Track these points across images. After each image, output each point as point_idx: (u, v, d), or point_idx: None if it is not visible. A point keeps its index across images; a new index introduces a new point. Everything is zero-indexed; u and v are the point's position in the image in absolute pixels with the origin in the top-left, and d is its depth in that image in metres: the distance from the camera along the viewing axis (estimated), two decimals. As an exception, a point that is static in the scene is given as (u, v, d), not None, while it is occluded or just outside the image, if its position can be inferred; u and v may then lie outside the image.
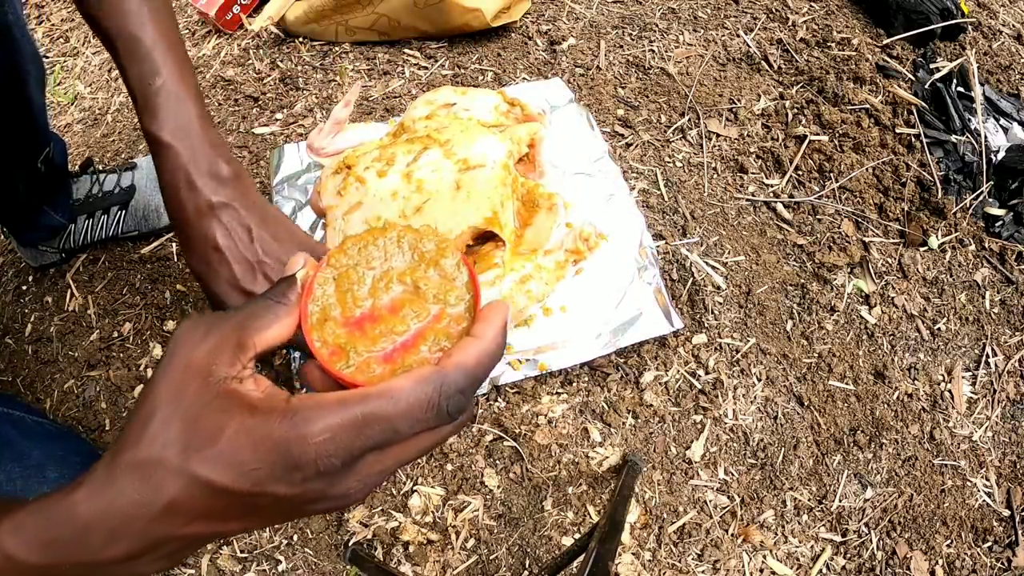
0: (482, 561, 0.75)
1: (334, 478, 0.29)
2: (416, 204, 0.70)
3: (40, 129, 0.70)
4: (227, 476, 0.28)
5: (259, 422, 0.29)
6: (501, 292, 0.74)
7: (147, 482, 0.29)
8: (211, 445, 0.29)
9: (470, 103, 0.82)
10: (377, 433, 0.29)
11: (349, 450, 0.28)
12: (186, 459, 0.29)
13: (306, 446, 0.28)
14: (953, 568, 0.78)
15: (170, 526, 0.30)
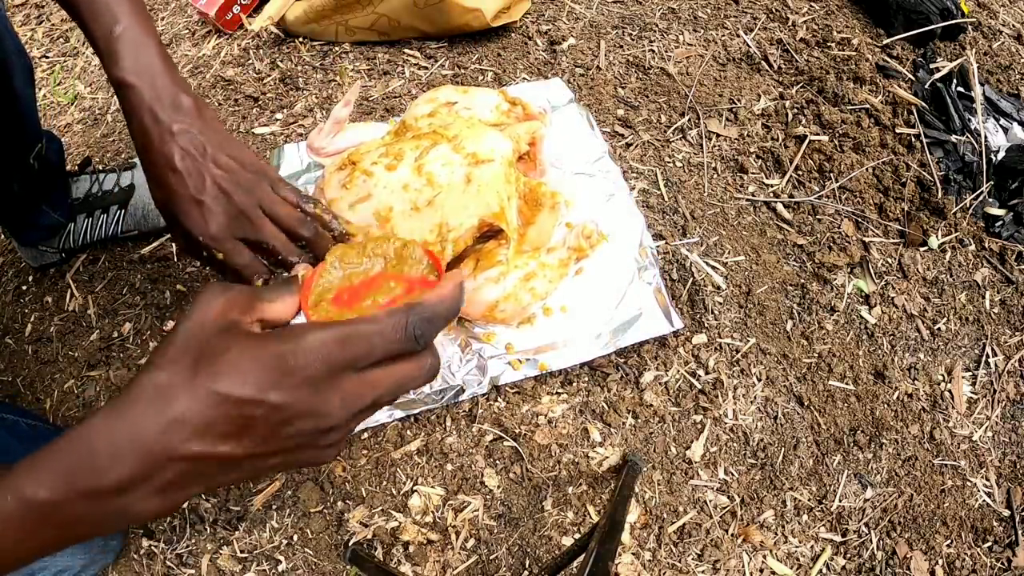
0: (482, 561, 0.75)
1: (319, 389, 0.34)
2: (428, 197, 0.70)
3: (30, 124, 0.70)
4: (228, 384, 0.33)
5: (259, 341, 0.34)
6: (505, 290, 0.75)
7: (158, 398, 0.33)
8: (217, 362, 0.33)
9: (471, 102, 0.82)
10: (357, 347, 0.34)
11: (333, 360, 0.34)
12: (195, 374, 0.33)
13: (297, 354, 0.33)
14: (953, 568, 0.78)
15: (173, 442, 0.33)
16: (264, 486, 0.77)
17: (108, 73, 0.58)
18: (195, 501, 0.76)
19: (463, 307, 0.75)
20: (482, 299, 0.74)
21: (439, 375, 0.79)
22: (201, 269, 0.91)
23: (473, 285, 0.74)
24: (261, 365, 0.33)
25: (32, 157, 0.73)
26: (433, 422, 0.80)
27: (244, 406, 0.33)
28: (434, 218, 0.71)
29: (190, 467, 0.34)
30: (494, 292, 0.74)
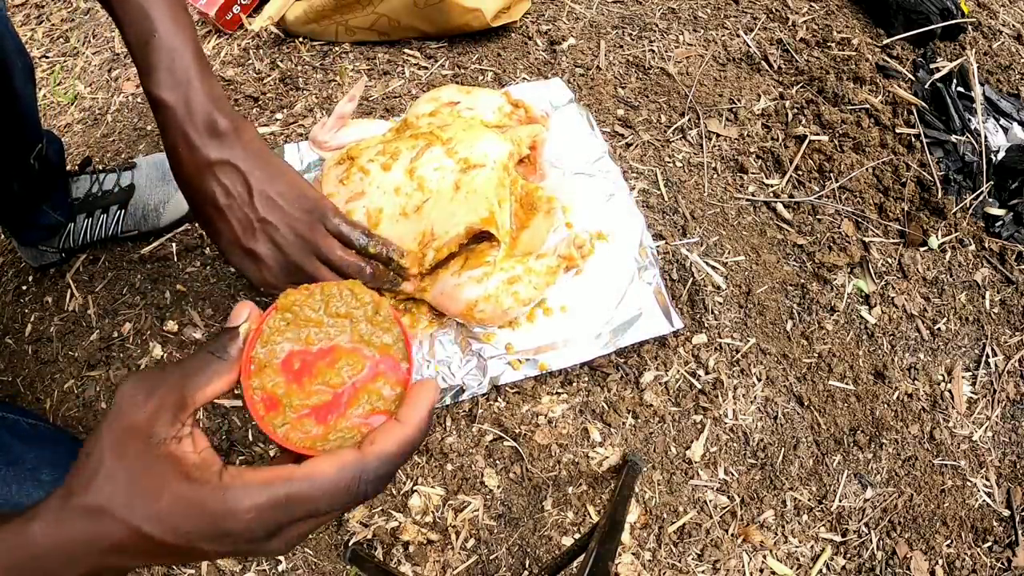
0: (482, 561, 0.75)
1: (259, 544, 0.33)
2: (416, 203, 0.70)
3: (31, 124, 0.69)
4: (164, 533, 0.32)
5: (194, 492, 0.32)
6: (486, 290, 0.74)
7: (95, 525, 0.33)
8: (150, 505, 0.32)
9: (474, 102, 0.82)
10: (299, 511, 0.32)
11: (272, 524, 0.32)
12: (129, 513, 0.32)
13: (235, 521, 0.32)
14: (953, 568, 0.78)
15: (115, 560, 0.33)
16: (264, 486, 0.77)
17: (142, 84, 0.55)
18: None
19: (443, 304, 0.75)
20: (463, 297, 0.74)
21: (439, 375, 0.79)
22: (200, 270, 0.91)
23: (456, 282, 0.74)
24: (196, 523, 0.32)
25: (32, 157, 0.73)
26: (433, 422, 0.80)
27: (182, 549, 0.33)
28: (419, 226, 0.72)
29: (141, 565, 0.35)
30: (475, 291, 0.73)
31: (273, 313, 0.36)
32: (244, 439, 0.79)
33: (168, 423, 0.34)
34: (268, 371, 0.36)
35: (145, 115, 1.10)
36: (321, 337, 0.36)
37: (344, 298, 0.37)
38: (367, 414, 0.36)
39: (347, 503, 0.33)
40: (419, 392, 0.35)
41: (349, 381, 0.36)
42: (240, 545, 0.33)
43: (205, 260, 0.91)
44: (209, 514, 0.32)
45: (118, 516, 0.32)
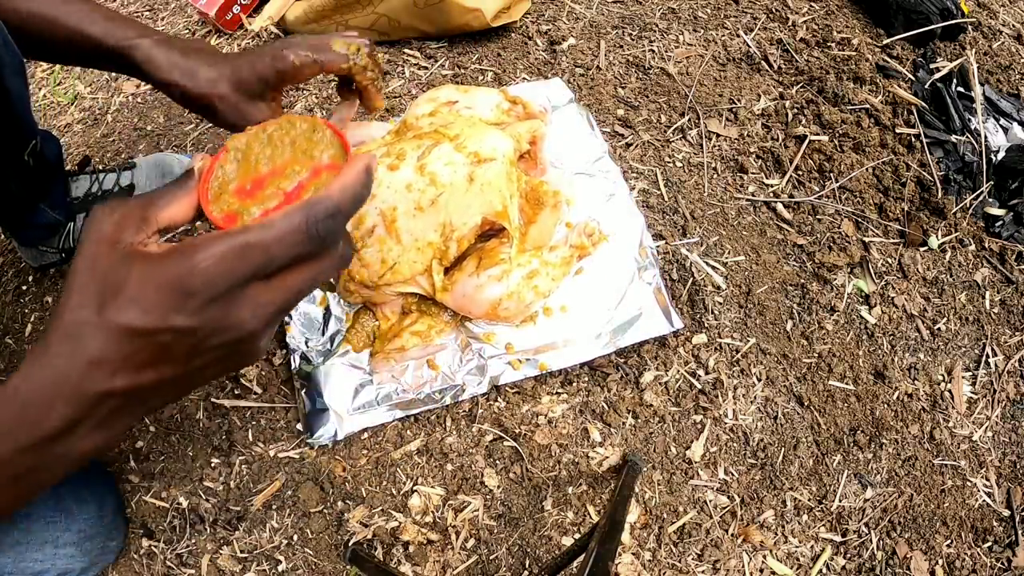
0: (482, 561, 0.75)
1: (224, 304, 0.33)
2: (431, 197, 0.70)
3: (21, 119, 0.69)
4: (135, 317, 0.32)
5: (156, 265, 0.33)
6: (508, 287, 0.75)
7: (71, 343, 0.33)
8: (118, 295, 0.33)
9: (472, 101, 0.82)
10: (256, 257, 0.33)
11: (232, 274, 0.33)
12: (101, 312, 0.33)
13: (194, 274, 0.32)
14: (953, 568, 0.78)
15: (97, 381, 0.33)
16: (264, 486, 0.77)
17: (112, 43, 0.59)
18: (195, 501, 0.77)
19: (466, 307, 0.75)
20: (485, 297, 0.74)
21: (439, 375, 0.79)
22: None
23: (476, 283, 0.74)
24: (162, 292, 0.32)
25: (27, 154, 0.73)
26: (433, 422, 0.80)
27: (154, 335, 0.33)
28: (438, 218, 0.71)
29: (121, 400, 0.35)
30: (497, 290, 0.74)
31: (224, 153, 0.40)
32: (244, 439, 0.79)
33: (133, 232, 0.34)
34: (224, 196, 0.39)
35: (145, 115, 1.10)
36: (268, 163, 0.41)
37: (284, 128, 0.41)
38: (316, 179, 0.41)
39: (301, 244, 0.34)
40: (356, 157, 0.37)
41: (296, 180, 0.39)
42: (207, 311, 0.33)
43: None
44: (170, 277, 0.32)
45: (90, 322, 0.33)
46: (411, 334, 0.78)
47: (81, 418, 0.34)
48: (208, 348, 0.35)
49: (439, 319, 0.80)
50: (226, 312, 0.34)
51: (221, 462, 0.79)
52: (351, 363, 0.80)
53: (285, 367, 0.83)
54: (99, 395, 0.34)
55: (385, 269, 0.72)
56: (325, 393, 0.78)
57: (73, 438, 0.35)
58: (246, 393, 0.82)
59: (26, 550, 0.61)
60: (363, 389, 0.79)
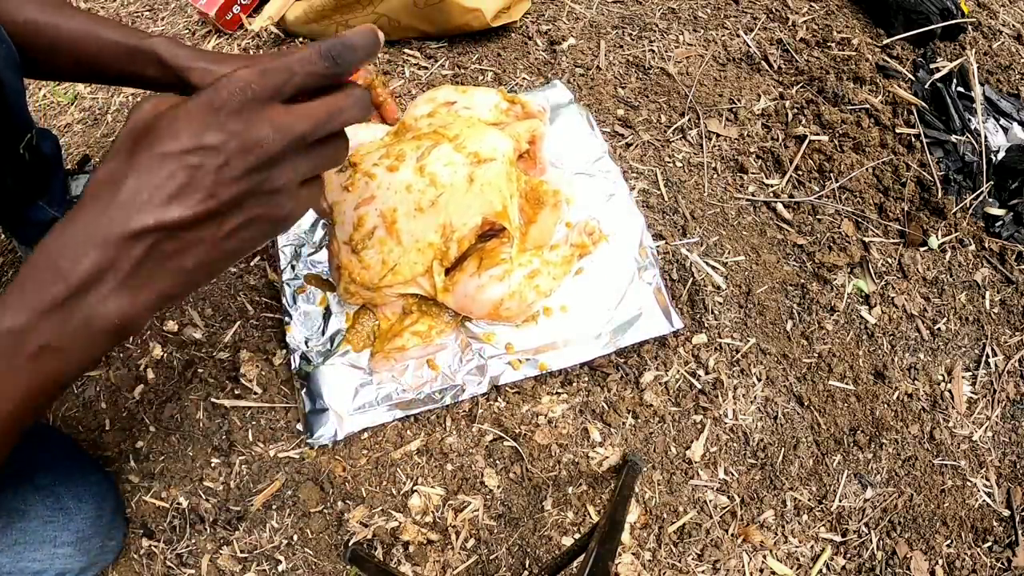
0: (482, 561, 0.75)
1: (248, 120, 0.35)
2: (431, 198, 0.70)
3: (16, 111, 0.69)
4: (165, 144, 0.34)
5: (187, 101, 0.35)
6: (511, 287, 0.75)
7: (104, 189, 0.35)
8: (151, 134, 0.35)
9: (470, 101, 0.82)
10: (277, 76, 0.36)
11: (255, 91, 0.35)
12: (134, 153, 0.35)
13: (219, 91, 0.35)
14: (953, 568, 0.78)
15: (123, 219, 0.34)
16: (264, 486, 0.77)
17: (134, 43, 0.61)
18: (195, 501, 0.77)
19: (467, 307, 0.75)
20: (487, 297, 0.74)
21: (439, 375, 0.79)
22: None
23: (477, 283, 0.74)
24: (191, 116, 0.35)
25: (22, 147, 0.73)
26: (433, 422, 0.80)
27: (183, 158, 0.34)
28: (438, 218, 0.71)
29: (148, 248, 0.35)
30: (499, 290, 0.74)
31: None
32: (244, 439, 0.79)
33: (170, 104, 0.37)
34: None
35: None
36: None
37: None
38: None
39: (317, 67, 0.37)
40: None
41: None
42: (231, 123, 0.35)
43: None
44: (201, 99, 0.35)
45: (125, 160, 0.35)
46: (411, 334, 0.78)
47: (107, 267, 0.35)
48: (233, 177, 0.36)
49: (440, 319, 0.80)
50: (248, 126, 0.35)
51: (221, 462, 0.79)
52: (351, 363, 0.80)
53: (285, 367, 0.83)
54: (125, 236, 0.34)
55: (386, 270, 0.72)
56: (325, 393, 0.78)
57: (96, 295, 0.35)
58: (246, 393, 0.82)
59: (24, 550, 0.61)
60: (363, 389, 0.79)
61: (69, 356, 0.36)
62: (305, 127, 0.37)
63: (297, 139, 0.37)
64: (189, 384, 0.82)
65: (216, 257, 0.38)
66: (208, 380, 0.83)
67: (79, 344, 0.36)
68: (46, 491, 0.65)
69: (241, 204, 0.37)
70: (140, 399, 0.82)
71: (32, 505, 0.63)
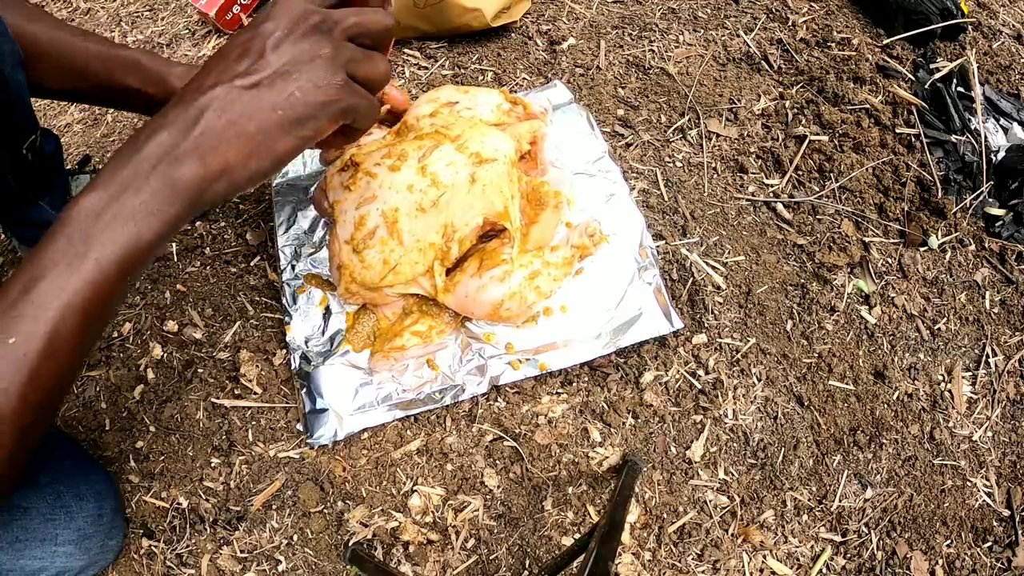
0: (482, 561, 0.75)
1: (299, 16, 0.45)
2: (432, 198, 0.70)
3: (22, 111, 0.69)
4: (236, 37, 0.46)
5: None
6: (511, 288, 0.75)
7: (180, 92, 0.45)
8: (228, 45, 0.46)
9: (472, 102, 0.82)
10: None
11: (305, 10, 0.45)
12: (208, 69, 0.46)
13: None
14: (953, 568, 0.78)
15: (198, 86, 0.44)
16: (264, 486, 0.77)
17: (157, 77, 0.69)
18: (195, 501, 0.77)
19: (468, 308, 0.75)
20: (487, 298, 0.74)
21: (439, 375, 0.79)
22: (200, 270, 0.91)
23: (478, 284, 0.74)
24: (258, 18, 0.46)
25: (25, 147, 0.73)
26: (433, 422, 0.80)
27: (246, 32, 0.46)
28: (440, 219, 0.72)
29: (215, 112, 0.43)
30: (500, 290, 0.74)
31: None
32: (244, 439, 0.79)
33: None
34: None
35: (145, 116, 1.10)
36: None
37: None
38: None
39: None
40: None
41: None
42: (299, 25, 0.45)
43: (205, 260, 0.91)
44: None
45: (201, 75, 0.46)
46: (411, 334, 0.78)
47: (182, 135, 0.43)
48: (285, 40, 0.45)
49: (440, 319, 0.80)
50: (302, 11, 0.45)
51: (221, 462, 0.79)
52: (351, 363, 0.80)
53: (285, 367, 0.83)
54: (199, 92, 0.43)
55: (387, 270, 0.73)
56: (325, 393, 0.78)
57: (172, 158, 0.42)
58: (246, 393, 0.82)
59: (25, 547, 0.61)
60: (363, 389, 0.79)
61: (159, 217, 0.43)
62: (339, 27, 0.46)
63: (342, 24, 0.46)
64: (189, 384, 0.83)
65: (272, 125, 0.44)
66: (208, 380, 0.83)
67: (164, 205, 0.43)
68: (47, 489, 0.65)
69: (292, 68, 0.44)
70: (140, 399, 0.82)
71: (33, 503, 0.63)
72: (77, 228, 0.41)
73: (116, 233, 0.41)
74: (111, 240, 0.41)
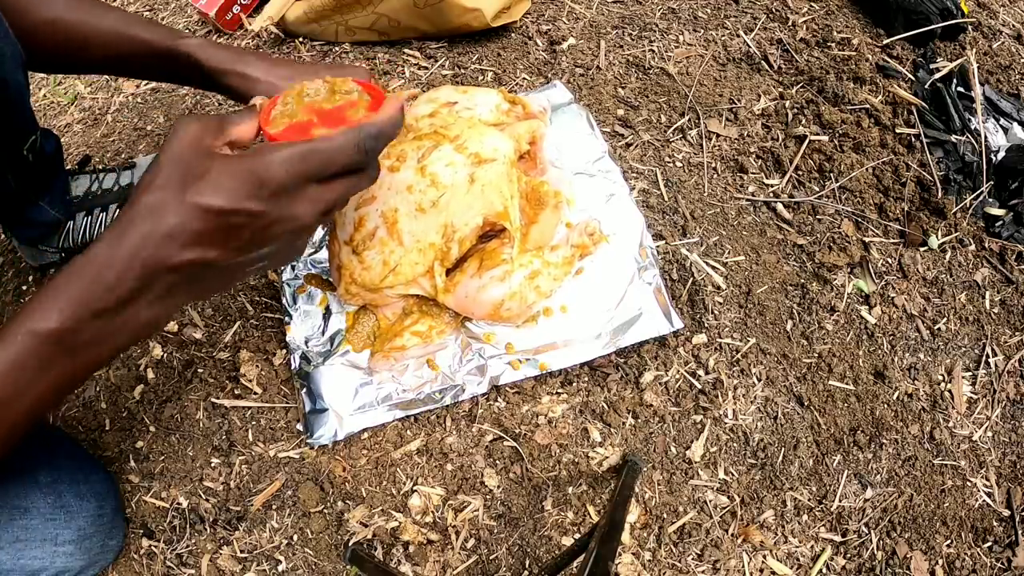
0: (482, 561, 0.75)
1: (289, 197, 0.41)
2: (432, 199, 0.70)
3: (22, 112, 0.69)
4: (212, 197, 0.39)
5: (234, 160, 0.40)
6: (511, 288, 0.75)
7: (151, 217, 0.39)
8: (201, 179, 0.40)
9: (471, 102, 0.82)
10: (318, 161, 0.41)
11: (298, 172, 0.40)
12: (182, 192, 0.39)
13: (269, 168, 0.40)
14: (953, 568, 0.78)
15: (170, 252, 0.40)
16: (264, 486, 0.77)
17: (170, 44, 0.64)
18: (195, 501, 0.77)
19: (468, 308, 0.75)
20: (488, 298, 0.74)
21: (439, 375, 0.79)
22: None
23: (478, 284, 0.74)
24: (239, 180, 0.39)
25: (25, 148, 0.73)
26: (433, 422, 0.80)
27: (228, 215, 0.40)
28: (440, 219, 0.71)
29: (184, 274, 0.41)
30: (500, 290, 0.74)
31: (279, 98, 0.48)
32: (244, 439, 0.79)
33: (212, 137, 0.42)
34: (278, 120, 0.47)
35: (145, 115, 1.10)
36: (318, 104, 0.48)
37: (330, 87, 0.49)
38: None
39: (354, 155, 0.42)
40: (389, 98, 0.46)
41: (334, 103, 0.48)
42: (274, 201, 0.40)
43: (205, 260, 0.91)
44: (247, 169, 0.39)
45: (172, 200, 0.39)
46: (412, 334, 0.78)
47: (147, 288, 0.40)
48: (268, 236, 0.42)
49: (440, 320, 0.80)
50: (290, 203, 0.41)
51: (221, 462, 0.79)
52: (351, 363, 0.80)
53: (285, 367, 0.83)
54: (169, 266, 0.40)
55: (387, 271, 0.72)
56: (325, 393, 0.78)
57: (134, 308, 0.41)
58: (246, 393, 0.82)
59: (25, 547, 0.61)
60: (363, 389, 0.79)
61: (102, 352, 0.42)
62: (331, 201, 0.44)
63: (324, 212, 0.44)
64: (189, 384, 0.83)
65: (238, 277, 0.46)
66: (208, 380, 0.83)
67: (113, 343, 0.42)
68: (48, 489, 0.65)
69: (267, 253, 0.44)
70: (140, 399, 0.82)
71: (34, 503, 0.63)
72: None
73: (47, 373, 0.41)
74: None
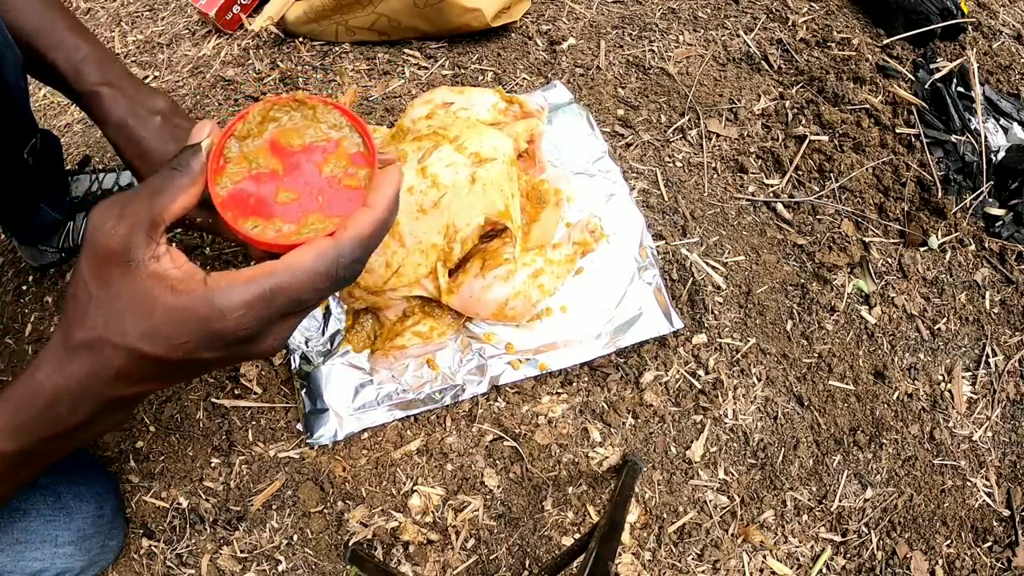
0: (482, 561, 0.75)
1: (252, 342, 0.35)
2: (433, 199, 0.70)
3: (21, 116, 0.69)
4: (161, 348, 0.33)
5: (183, 302, 0.33)
6: (515, 287, 0.75)
7: (97, 357, 0.35)
8: (144, 324, 0.33)
9: (468, 102, 0.82)
10: (284, 303, 0.34)
11: (261, 319, 0.34)
12: (125, 337, 0.33)
13: (225, 321, 0.33)
14: (953, 568, 0.78)
15: (121, 389, 0.36)
16: (264, 486, 0.77)
17: (78, 90, 0.60)
18: (195, 501, 0.77)
19: (473, 308, 0.75)
20: (493, 298, 0.74)
21: (439, 375, 0.79)
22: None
23: (482, 284, 0.74)
24: (189, 331, 0.33)
25: (26, 151, 0.73)
26: (433, 422, 0.80)
27: (180, 362, 0.34)
28: (441, 219, 0.71)
29: (138, 400, 0.39)
30: (504, 290, 0.74)
31: (233, 132, 0.38)
32: (244, 439, 0.79)
33: (143, 244, 0.33)
34: (232, 165, 0.37)
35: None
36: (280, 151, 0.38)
37: (297, 110, 0.39)
38: (339, 181, 0.37)
39: (327, 288, 0.35)
40: (385, 177, 0.37)
41: (308, 140, 0.38)
42: (234, 347, 0.34)
43: (205, 260, 0.91)
44: (201, 319, 0.33)
45: (115, 342, 0.34)
46: (413, 334, 0.78)
47: (102, 414, 0.37)
48: (228, 364, 0.40)
49: (442, 320, 0.79)
50: (251, 346, 0.35)
51: (221, 462, 0.79)
52: (351, 363, 0.80)
53: (285, 367, 0.83)
54: (121, 399, 0.37)
55: (390, 273, 0.72)
56: (325, 393, 0.78)
57: (93, 427, 0.38)
58: (246, 393, 0.82)
59: (25, 549, 0.61)
60: (363, 389, 0.79)
61: (62, 453, 0.40)
62: (298, 323, 0.38)
63: (291, 332, 0.38)
64: (189, 384, 0.83)
65: (191, 380, 0.43)
66: (208, 380, 0.83)
67: (68, 451, 0.41)
68: (48, 490, 0.65)
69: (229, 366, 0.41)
70: (140, 399, 0.82)
71: (34, 504, 0.63)
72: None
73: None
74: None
